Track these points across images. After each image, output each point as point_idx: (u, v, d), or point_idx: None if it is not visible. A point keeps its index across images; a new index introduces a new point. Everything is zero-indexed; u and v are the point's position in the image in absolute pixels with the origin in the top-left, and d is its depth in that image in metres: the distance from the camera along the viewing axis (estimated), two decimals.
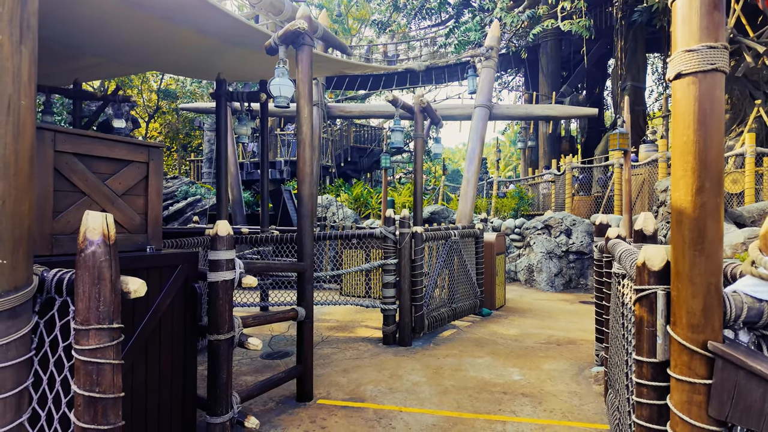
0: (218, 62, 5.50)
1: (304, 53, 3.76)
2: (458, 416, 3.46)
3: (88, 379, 1.62)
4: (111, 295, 1.66)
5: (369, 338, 5.71)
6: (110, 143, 2.61)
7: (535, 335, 5.83)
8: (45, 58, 5.33)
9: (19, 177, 1.57)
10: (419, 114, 6.43)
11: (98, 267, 1.64)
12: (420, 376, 4.33)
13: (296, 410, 3.59)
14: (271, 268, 3.60)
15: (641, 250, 1.59)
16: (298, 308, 3.72)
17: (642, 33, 16.62)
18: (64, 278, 1.78)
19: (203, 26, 4.43)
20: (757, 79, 13.66)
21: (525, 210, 12.38)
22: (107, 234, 1.66)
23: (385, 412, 3.54)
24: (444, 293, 6.23)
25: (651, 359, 1.55)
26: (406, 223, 5.38)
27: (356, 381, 4.22)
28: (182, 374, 2.81)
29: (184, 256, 2.83)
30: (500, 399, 3.79)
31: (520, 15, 13.42)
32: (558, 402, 3.71)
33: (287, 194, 10.86)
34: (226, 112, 5.57)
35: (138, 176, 2.76)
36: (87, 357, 1.62)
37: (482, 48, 8.84)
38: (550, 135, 18.68)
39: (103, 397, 1.64)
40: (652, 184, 9.54)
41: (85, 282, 1.63)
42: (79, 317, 1.64)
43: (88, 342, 1.63)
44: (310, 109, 3.81)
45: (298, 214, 3.81)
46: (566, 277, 9.36)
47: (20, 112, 1.55)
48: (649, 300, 1.56)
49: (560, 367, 4.60)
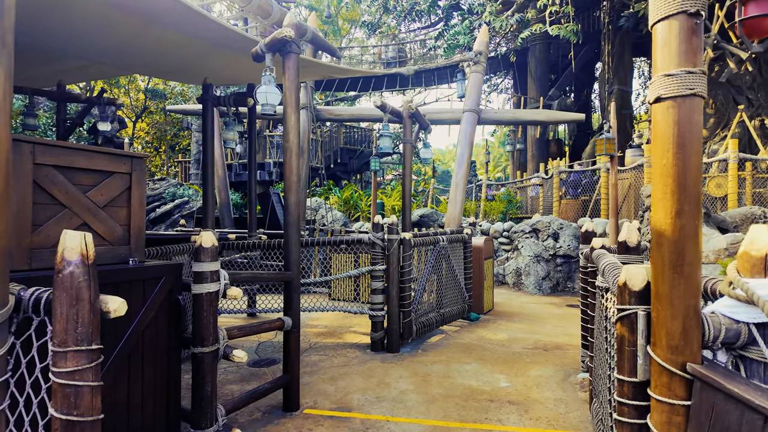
0: (205, 66, 5.45)
1: (291, 61, 3.74)
2: (445, 425, 3.46)
3: (65, 402, 1.59)
4: (90, 316, 1.63)
5: (357, 344, 5.69)
6: (91, 154, 2.57)
7: (522, 340, 5.87)
8: (27, 61, 5.24)
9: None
10: (407, 119, 6.42)
11: (76, 287, 1.61)
12: (407, 384, 4.33)
13: (282, 420, 3.57)
14: (257, 278, 3.57)
15: (623, 269, 1.61)
16: (285, 318, 3.70)
17: (629, 37, 16.82)
18: (41, 297, 1.74)
19: (189, 30, 4.38)
20: (740, 84, 13.90)
21: (513, 213, 12.45)
22: (86, 253, 1.63)
23: (372, 422, 3.53)
24: (432, 298, 6.24)
25: (632, 379, 1.57)
26: (394, 229, 5.38)
27: (344, 389, 4.20)
28: (166, 388, 2.77)
29: (169, 267, 2.79)
30: (487, 407, 3.80)
31: (509, 19, 13.49)
32: (544, 410, 3.73)
33: (276, 197, 10.80)
34: (213, 116, 5.52)
35: (120, 187, 2.72)
36: (64, 380, 1.59)
37: (471, 53, 8.88)
38: (538, 138, 18.82)
39: (81, 420, 1.61)
40: (638, 189, 9.66)
41: (63, 303, 1.60)
42: (57, 339, 1.60)
43: (66, 364, 1.60)
44: (297, 117, 3.79)
45: (284, 222, 3.78)
46: (553, 281, 9.44)
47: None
48: (630, 320, 1.57)
49: (547, 373, 4.63)
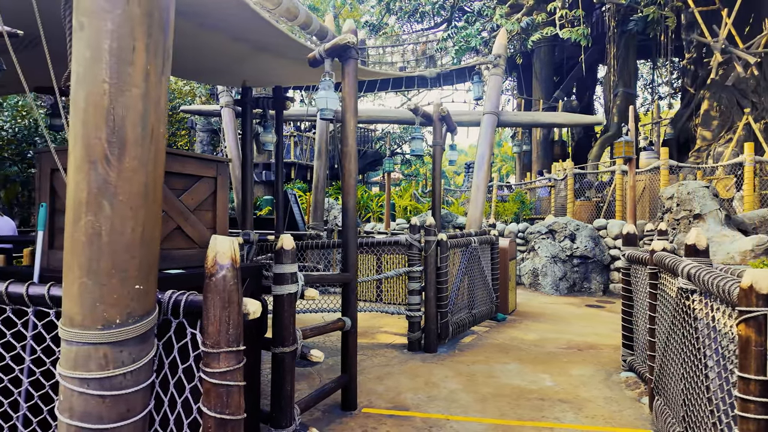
0: (243, 68, 5.49)
1: (351, 66, 3.80)
2: (506, 424, 3.54)
3: (218, 401, 1.65)
4: (238, 318, 1.70)
5: (392, 344, 5.76)
6: (184, 159, 2.62)
7: (554, 340, 5.97)
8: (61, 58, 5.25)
9: (155, 203, 1.60)
10: (438, 122, 6.52)
11: (228, 291, 1.67)
12: (455, 384, 4.41)
13: (344, 419, 3.63)
14: (324, 279, 3.63)
15: (747, 273, 1.69)
16: (345, 318, 3.76)
17: (633, 41, 17.05)
18: (180, 300, 1.80)
19: (234, 31, 4.40)
20: (745, 87, 14.15)
21: (527, 215, 12.59)
22: (235, 258, 1.69)
23: (432, 420, 3.61)
24: (464, 299, 6.33)
25: (759, 377, 1.66)
26: (432, 231, 5.46)
27: (393, 389, 4.27)
28: (250, 388, 2.83)
29: (252, 269, 2.85)
30: (540, 406, 3.89)
31: (519, 22, 13.63)
32: (597, 408, 3.83)
33: (293, 198, 10.84)
34: (251, 118, 5.57)
35: (207, 191, 2.77)
36: (217, 380, 1.65)
37: (491, 56, 8.98)
38: (543, 140, 19.00)
39: (232, 419, 1.67)
40: (653, 191, 9.82)
41: (216, 306, 1.66)
42: (209, 340, 1.66)
43: (219, 365, 1.65)
44: (355, 122, 3.85)
45: (343, 225, 3.85)
46: (570, 281, 9.57)
47: (158, 139, 1.57)
48: (757, 321, 1.66)
49: (588, 372, 4.73)
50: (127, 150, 1.48)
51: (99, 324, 1.51)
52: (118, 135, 1.46)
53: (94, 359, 1.51)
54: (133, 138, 1.48)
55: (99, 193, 1.46)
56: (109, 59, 1.42)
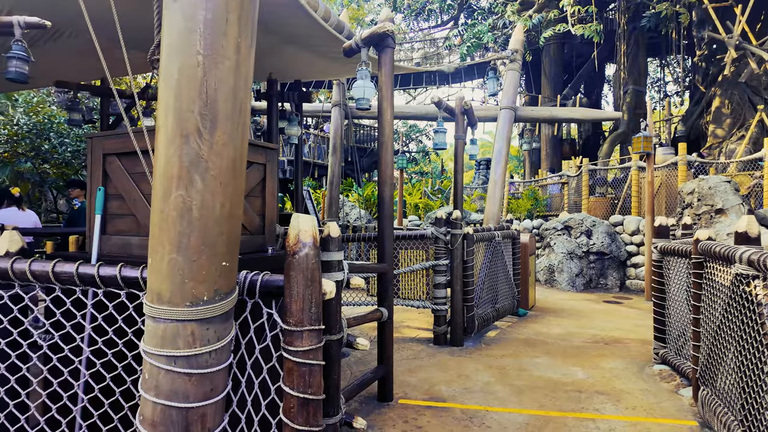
0: (271, 62, 5.47)
1: (387, 56, 3.77)
2: (547, 415, 3.52)
3: (301, 380, 1.64)
4: (320, 297, 1.68)
5: (418, 338, 5.74)
6: None
7: (578, 334, 5.94)
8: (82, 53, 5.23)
9: (240, 179, 1.58)
10: (460, 116, 6.49)
11: (311, 269, 1.65)
12: (487, 376, 4.39)
13: (383, 410, 3.61)
14: (364, 269, 3.61)
15: None
16: (382, 309, 3.74)
17: (643, 38, 16.99)
18: (256, 280, 1.78)
19: (268, 23, 4.37)
20: (757, 84, 14.09)
21: (541, 211, 12.56)
22: (316, 237, 1.68)
23: (472, 411, 3.59)
24: (488, 293, 6.31)
25: None
26: (458, 224, 5.43)
27: (427, 381, 4.25)
28: None
29: None
30: (578, 397, 3.86)
31: (531, 19, 13.59)
32: (635, 399, 3.80)
33: (307, 194, 10.83)
34: (277, 112, 5.56)
35: (257, 178, 2.76)
36: (300, 358, 1.63)
37: (507, 51, 8.95)
38: (552, 137, 18.95)
39: (314, 399, 1.65)
40: (669, 186, 9.78)
41: (299, 284, 1.64)
42: (292, 319, 1.64)
43: (302, 343, 1.64)
44: (392, 113, 3.83)
45: (379, 216, 3.83)
46: (586, 277, 9.53)
47: (245, 114, 1.55)
48: None
49: (619, 365, 4.70)
50: (219, 124, 1.46)
51: (187, 301, 1.49)
52: (211, 108, 1.44)
53: (182, 336, 1.50)
54: (224, 112, 1.46)
55: (191, 168, 1.44)
56: (203, 30, 1.40)
